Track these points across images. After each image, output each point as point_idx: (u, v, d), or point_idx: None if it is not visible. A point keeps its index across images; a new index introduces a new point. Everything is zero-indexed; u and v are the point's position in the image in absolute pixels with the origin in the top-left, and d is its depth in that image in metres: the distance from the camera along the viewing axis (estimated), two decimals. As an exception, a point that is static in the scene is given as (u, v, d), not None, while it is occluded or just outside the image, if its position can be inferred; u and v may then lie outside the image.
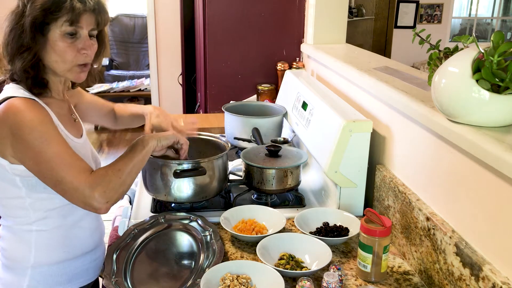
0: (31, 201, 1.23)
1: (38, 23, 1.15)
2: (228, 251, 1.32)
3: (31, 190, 1.22)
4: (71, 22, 1.16)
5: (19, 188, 1.21)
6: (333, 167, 1.46)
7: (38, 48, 1.17)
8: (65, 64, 1.20)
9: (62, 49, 1.18)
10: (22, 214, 1.25)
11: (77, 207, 1.25)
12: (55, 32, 1.16)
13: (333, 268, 1.16)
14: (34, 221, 1.25)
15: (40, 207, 1.24)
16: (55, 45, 1.17)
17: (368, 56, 2.12)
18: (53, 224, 1.27)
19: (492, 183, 0.99)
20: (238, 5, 2.58)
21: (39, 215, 1.25)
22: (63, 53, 1.18)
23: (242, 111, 2.04)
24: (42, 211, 1.25)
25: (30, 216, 1.24)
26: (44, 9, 1.14)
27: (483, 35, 6.77)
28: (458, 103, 1.02)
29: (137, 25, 6.62)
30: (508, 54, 0.96)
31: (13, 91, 1.18)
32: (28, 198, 1.23)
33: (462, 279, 1.04)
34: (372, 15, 5.29)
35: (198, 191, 1.49)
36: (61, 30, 1.17)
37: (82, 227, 1.33)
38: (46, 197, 1.23)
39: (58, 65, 1.20)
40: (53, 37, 1.17)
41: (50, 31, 1.16)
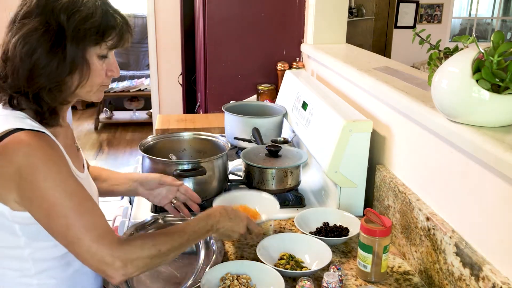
0: (31, 251, 1.05)
1: (85, 48, 1.00)
2: (228, 251, 1.32)
3: (32, 240, 1.04)
4: (113, 47, 1.05)
5: (18, 237, 1.03)
6: (333, 167, 1.46)
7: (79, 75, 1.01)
8: (92, 87, 1.06)
9: (96, 73, 1.04)
10: (21, 267, 1.06)
11: None
12: (91, 55, 1.02)
13: (333, 268, 1.16)
14: (35, 274, 1.07)
15: (41, 257, 1.07)
16: (89, 69, 1.02)
17: (368, 56, 2.12)
18: (57, 275, 1.10)
19: (492, 183, 0.99)
20: (238, 5, 2.58)
21: (40, 267, 1.07)
22: (94, 77, 1.04)
23: (242, 111, 2.04)
24: (43, 262, 1.07)
25: (30, 268, 1.06)
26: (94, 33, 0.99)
27: (483, 35, 6.77)
28: (458, 103, 1.02)
29: (137, 25, 6.61)
30: (508, 54, 0.96)
31: (18, 121, 0.98)
32: (27, 248, 1.04)
33: (462, 279, 1.04)
34: (372, 15, 5.28)
35: (198, 191, 1.49)
36: (98, 53, 1.03)
37: (86, 274, 1.16)
38: (48, 246, 1.06)
39: (84, 89, 1.05)
40: (88, 60, 1.02)
41: (88, 54, 1.01)
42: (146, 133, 5.36)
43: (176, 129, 2.38)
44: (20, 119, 0.99)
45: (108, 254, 0.95)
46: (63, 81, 1.00)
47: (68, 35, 0.97)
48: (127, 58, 6.62)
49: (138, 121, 5.92)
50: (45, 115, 1.02)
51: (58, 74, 0.98)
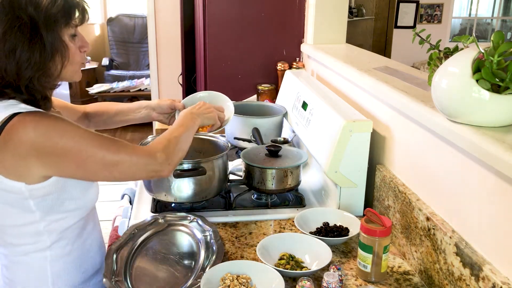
0: (46, 224, 1.15)
1: (59, 31, 1.08)
2: (228, 251, 1.32)
3: (47, 212, 1.13)
4: (80, 23, 1.13)
5: (32, 213, 1.12)
6: (333, 167, 1.46)
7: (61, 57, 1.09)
8: (74, 66, 1.15)
9: (73, 51, 1.13)
10: (36, 241, 1.16)
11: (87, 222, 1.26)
12: (66, 38, 1.10)
13: (333, 268, 1.16)
14: (50, 245, 1.17)
15: (55, 228, 1.17)
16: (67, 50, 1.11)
17: (368, 56, 2.12)
18: (67, 245, 1.20)
19: (492, 183, 0.99)
20: (238, 5, 2.58)
21: (54, 238, 1.17)
22: (73, 56, 1.13)
23: (242, 111, 2.03)
24: (56, 233, 1.17)
25: (45, 240, 1.16)
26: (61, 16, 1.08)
27: (483, 35, 6.78)
28: (458, 103, 1.02)
29: (137, 25, 6.62)
30: (508, 54, 0.96)
31: (13, 108, 1.06)
32: (42, 221, 1.14)
33: (462, 279, 1.04)
34: (372, 15, 5.29)
35: (198, 191, 1.49)
36: (69, 33, 1.12)
37: (91, 244, 1.29)
38: (61, 217, 1.16)
39: (67, 69, 1.13)
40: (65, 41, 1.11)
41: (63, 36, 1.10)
42: (146, 133, 5.36)
43: (176, 129, 2.37)
44: (14, 105, 1.07)
45: (146, 157, 1.13)
46: (47, 67, 1.08)
47: (40, 24, 1.04)
48: (127, 58, 6.63)
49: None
50: (39, 102, 1.10)
51: (42, 61, 1.06)
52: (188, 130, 1.29)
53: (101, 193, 1.31)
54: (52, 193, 1.12)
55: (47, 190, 1.10)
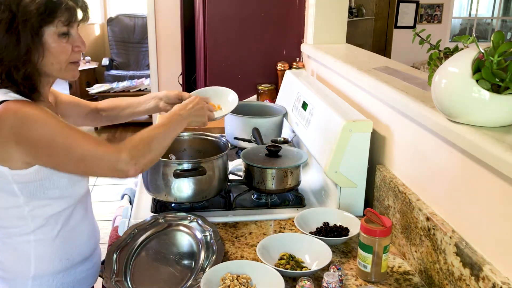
0: (30, 209, 1.18)
1: (35, 28, 1.12)
2: (228, 251, 1.32)
3: (30, 198, 1.17)
4: (67, 23, 1.16)
5: (17, 197, 1.17)
6: (333, 167, 1.46)
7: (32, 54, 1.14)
8: (61, 64, 1.18)
9: (59, 50, 1.16)
10: (20, 224, 1.20)
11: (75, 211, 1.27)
12: (50, 35, 1.14)
13: (333, 268, 1.16)
14: (33, 230, 1.20)
15: (39, 214, 1.20)
16: (51, 48, 1.15)
17: (368, 56, 2.12)
18: (53, 231, 1.23)
19: (492, 183, 0.99)
20: (238, 5, 2.58)
21: (38, 223, 1.20)
22: (59, 54, 1.17)
23: (242, 111, 2.03)
24: (41, 219, 1.20)
25: (29, 225, 1.19)
26: (41, 13, 1.11)
27: (483, 35, 6.77)
28: (458, 103, 1.02)
29: (137, 25, 6.62)
30: (508, 54, 0.96)
31: (2, 95, 1.13)
32: (26, 206, 1.18)
33: (462, 279, 1.04)
34: (372, 15, 5.29)
35: (198, 191, 1.49)
36: (56, 31, 1.15)
37: (80, 232, 1.30)
38: (45, 204, 1.20)
39: (54, 67, 1.18)
40: (48, 39, 1.14)
41: (44, 34, 1.14)
42: (146, 133, 5.35)
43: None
44: (4, 94, 1.14)
45: (112, 153, 1.13)
46: (25, 59, 1.12)
47: (18, 19, 1.10)
48: (127, 58, 6.63)
49: (138, 121, 5.88)
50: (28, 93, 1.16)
51: (17, 54, 1.11)
52: (168, 130, 1.28)
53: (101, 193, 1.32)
54: (35, 180, 1.15)
55: (30, 177, 1.14)
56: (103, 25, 6.81)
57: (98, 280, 1.39)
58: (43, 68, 1.17)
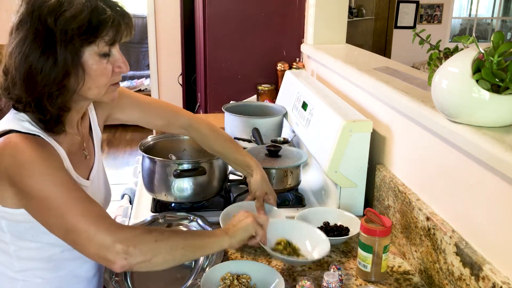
0: (16, 249, 1.05)
1: (76, 49, 0.95)
2: (228, 251, 1.32)
3: (17, 238, 1.04)
4: (112, 42, 1.00)
5: (3, 232, 1.04)
6: (333, 167, 1.46)
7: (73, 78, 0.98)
8: (100, 88, 1.03)
9: (99, 72, 1.00)
10: (5, 260, 1.07)
11: (74, 257, 1.11)
12: (90, 55, 0.98)
13: (333, 268, 1.16)
14: (19, 271, 1.07)
15: (26, 256, 1.06)
16: (91, 70, 0.99)
17: (368, 56, 2.12)
18: (42, 276, 1.09)
19: (492, 183, 0.99)
20: (238, 5, 2.58)
21: (25, 265, 1.07)
22: (99, 77, 1.01)
23: (242, 111, 2.04)
24: (28, 261, 1.06)
25: (14, 264, 1.07)
26: (83, 32, 0.95)
27: (483, 35, 6.77)
28: (458, 103, 1.02)
29: (137, 25, 6.61)
30: (508, 54, 0.96)
31: (16, 123, 0.98)
32: (12, 245, 1.05)
33: (462, 279, 1.04)
34: (372, 15, 5.28)
35: (198, 191, 1.49)
36: (97, 52, 0.99)
37: (77, 277, 1.15)
38: (35, 247, 1.05)
39: (92, 91, 1.02)
40: (88, 61, 0.98)
41: (84, 55, 0.97)
42: (146, 133, 5.35)
43: (176, 129, 2.37)
44: (19, 121, 0.99)
45: (107, 237, 0.92)
46: (61, 85, 0.97)
47: (57, 38, 0.94)
48: (127, 58, 6.57)
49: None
50: (49, 122, 1.00)
51: (54, 78, 0.96)
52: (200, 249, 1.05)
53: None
54: (26, 222, 1.01)
55: (22, 218, 1.01)
56: (103, 25, 6.80)
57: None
58: (78, 93, 1.01)
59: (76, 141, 1.13)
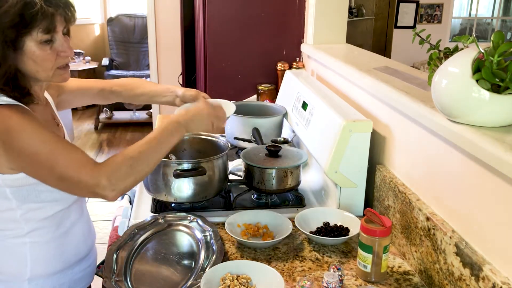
0: (22, 212, 1.19)
1: (10, 40, 1.08)
2: (228, 251, 1.32)
3: (22, 201, 1.17)
4: (47, 31, 1.11)
5: (9, 200, 1.17)
6: (333, 167, 1.46)
7: (12, 63, 1.11)
8: (47, 71, 1.16)
9: (42, 58, 1.13)
10: (14, 227, 1.20)
11: (70, 212, 1.27)
12: (30, 44, 1.11)
13: (333, 268, 1.16)
14: (27, 233, 1.20)
15: (32, 217, 1.20)
16: (34, 56, 1.12)
17: (368, 56, 2.12)
18: (47, 234, 1.23)
19: (492, 183, 0.99)
20: (238, 5, 2.58)
21: (32, 226, 1.20)
22: (43, 62, 1.14)
23: (242, 111, 2.03)
24: (34, 222, 1.20)
25: (23, 227, 1.20)
26: (15, 25, 1.07)
27: (483, 35, 6.77)
28: (458, 103, 1.02)
29: (137, 25, 6.61)
30: (508, 54, 0.96)
31: None
32: (19, 209, 1.18)
33: (462, 279, 1.04)
34: (372, 15, 5.28)
35: (198, 191, 1.49)
36: (37, 40, 1.11)
37: (75, 233, 1.30)
38: (38, 207, 1.20)
39: (40, 74, 1.16)
40: (29, 48, 1.11)
41: (25, 44, 1.10)
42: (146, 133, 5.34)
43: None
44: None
45: (90, 178, 1.09)
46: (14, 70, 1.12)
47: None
48: (127, 58, 6.63)
49: (138, 121, 5.92)
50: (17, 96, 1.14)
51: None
52: (159, 144, 1.20)
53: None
54: (27, 184, 1.15)
55: (22, 181, 1.14)
56: (103, 25, 6.81)
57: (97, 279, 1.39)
58: (29, 74, 1.16)
59: (47, 111, 1.29)
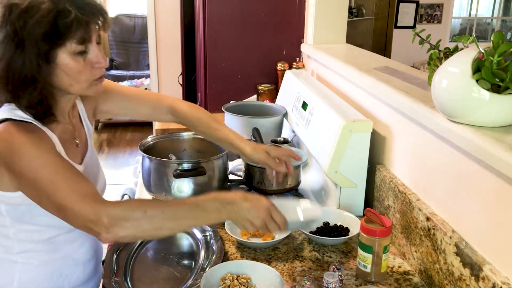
0: (15, 231, 1.11)
1: (43, 53, 1.00)
2: (228, 251, 1.32)
3: (16, 221, 1.10)
4: (82, 41, 1.03)
5: (3, 216, 1.10)
6: (333, 167, 1.46)
7: (46, 78, 1.03)
8: (81, 84, 1.07)
9: (76, 70, 1.04)
10: (5, 243, 1.12)
11: (72, 237, 1.18)
12: (63, 55, 1.02)
13: (333, 268, 1.16)
14: (19, 253, 1.13)
15: (25, 238, 1.12)
16: (67, 68, 1.03)
17: (368, 56, 2.12)
18: (40, 258, 1.14)
19: (492, 183, 0.99)
20: (238, 5, 2.58)
21: (24, 247, 1.12)
22: (77, 75, 1.05)
23: (242, 111, 2.04)
24: (27, 243, 1.12)
25: (14, 246, 1.12)
26: (48, 36, 0.99)
27: (483, 35, 6.77)
28: (458, 103, 1.02)
29: (137, 25, 6.61)
30: (508, 54, 0.96)
31: (8, 113, 1.04)
32: (12, 227, 1.11)
33: (462, 279, 1.04)
34: (372, 15, 5.28)
35: (198, 191, 1.49)
36: (71, 51, 1.02)
37: (74, 260, 1.20)
38: (32, 229, 1.12)
39: (74, 88, 1.07)
40: (62, 60, 1.02)
41: (57, 56, 1.02)
42: (146, 133, 5.36)
43: (176, 129, 2.36)
44: (13, 110, 1.05)
45: (92, 212, 0.98)
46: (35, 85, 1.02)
47: (25, 41, 0.99)
48: (127, 58, 6.63)
49: (138, 121, 5.91)
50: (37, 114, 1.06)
51: (24, 79, 1.01)
52: (187, 213, 1.04)
53: (101, 193, 1.30)
54: (24, 204, 1.07)
55: (18, 200, 1.07)
56: (103, 25, 6.80)
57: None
58: (61, 88, 1.07)
59: (68, 130, 1.18)
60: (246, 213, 1.04)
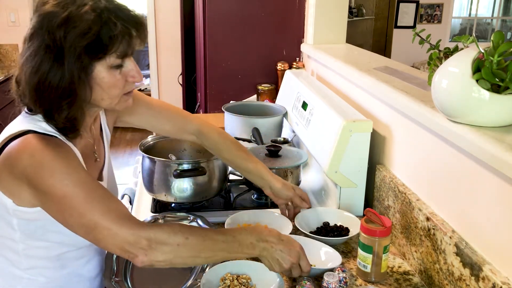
0: (25, 247, 1.06)
1: (85, 65, 0.95)
2: (228, 251, 1.32)
3: (27, 237, 1.05)
4: (123, 55, 0.99)
5: (14, 231, 1.05)
6: (333, 167, 1.46)
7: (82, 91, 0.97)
8: (112, 99, 1.03)
9: (111, 84, 1.00)
10: (13, 258, 1.08)
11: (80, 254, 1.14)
12: (101, 68, 0.98)
13: (338, 269, 1.16)
14: (26, 269, 1.09)
15: (34, 255, 1.08)
16: (102, 82, 0.98)
17: (368, 56, 2.12)
18: (48, 274, 1.11)
19: (492, 183, 0.99)
20: (238, 5, 2.58)
21: (32, 263, 1.08)
22: (111, 88, 1.00)
23: (242, 111, 2.04)
24: (36, 259, 1.08)
25: (22, 262, 1.08)
26: (90, 49, 0.94)
27: (483, 35, 6.78)
28: (458, 103, 1.02)
29: (137, 25, 6.61)
30: (508, 54, 0.96)
31: (33, 124, 0.99)
32: (21, 243, 1.06)
33: (462, 279, 1.04)
34: (372, 15, 5.28)
35: (198, 191, 1.49)
36: (109, 64, 0.98)
37: (81, 276, 1.17)
38: (42, 245, 1.07)
39: (105, 102, 1.03)
40: (99, 74, 0.98)
41: (95, 68, 0.97)
42: (146, 133, 5.35)
43: (176, 129, 2.37)
44: (37, 121, 1.00)
45: (130, 233, 0.94)
46: (70, 99, 0.97)
47: (66, 53, 0.94)
48: (127, 58, 6.63)
49: (138, 121, 5.90)
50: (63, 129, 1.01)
51: (61, 93, 0.96)
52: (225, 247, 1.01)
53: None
54: (37, 220, 1.03)
55: (33, 216, 1.02)
56: (103, 25, 6.80)
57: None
58: (93, 103, 1.03)
59: (89, 144, 1.14)
60: (278, 254, 1.04)
